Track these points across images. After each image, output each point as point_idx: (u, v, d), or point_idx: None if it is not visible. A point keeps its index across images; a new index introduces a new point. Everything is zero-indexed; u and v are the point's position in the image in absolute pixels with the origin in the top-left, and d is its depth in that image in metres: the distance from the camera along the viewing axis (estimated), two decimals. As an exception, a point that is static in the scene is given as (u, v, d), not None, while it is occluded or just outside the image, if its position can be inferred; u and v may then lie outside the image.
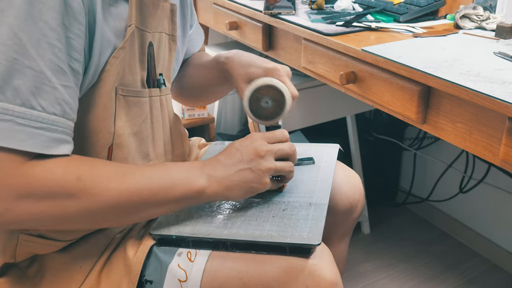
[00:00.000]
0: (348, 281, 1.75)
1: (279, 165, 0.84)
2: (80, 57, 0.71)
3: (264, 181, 0.82)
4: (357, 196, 1.09)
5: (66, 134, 0.70)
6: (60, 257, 0.83)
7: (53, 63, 0.67)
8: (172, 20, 0.92)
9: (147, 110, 0.86)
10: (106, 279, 0.82)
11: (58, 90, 0.68)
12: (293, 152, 0.87)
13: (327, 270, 0.78)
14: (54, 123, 0.68)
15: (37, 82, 0.66)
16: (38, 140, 0.67)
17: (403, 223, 2.09)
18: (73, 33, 0.69)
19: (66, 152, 0.71)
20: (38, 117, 0.66)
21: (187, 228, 0.82)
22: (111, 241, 0.85)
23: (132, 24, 0.79)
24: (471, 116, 0.92)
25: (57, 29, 0.67)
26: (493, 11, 1.27)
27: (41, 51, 0.66)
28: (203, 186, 0.79)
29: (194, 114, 1.99)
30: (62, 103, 0.69)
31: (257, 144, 0.83)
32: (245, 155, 0.82)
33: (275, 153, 0.84)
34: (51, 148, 0.68)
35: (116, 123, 0.80)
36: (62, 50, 0.68)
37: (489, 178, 1.79)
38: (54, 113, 0.68)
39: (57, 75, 0.68)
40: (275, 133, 0.87)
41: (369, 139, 2.03)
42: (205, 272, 0.79)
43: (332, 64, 1.23)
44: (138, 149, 0.85)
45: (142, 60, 0.84)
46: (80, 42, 0.71)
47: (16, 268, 0.86)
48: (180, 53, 1.02)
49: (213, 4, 1.74)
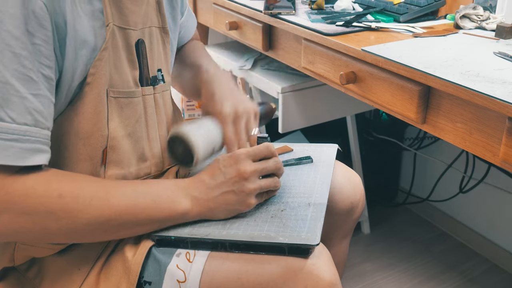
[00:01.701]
0: (348, 281, 1.75)
1: (263, 183, 0.84)
2: (51, 63, 0.70)
3: (248, 202, 0.82)
4: (358, 196, 1.09)
5: (40, 143, 0.69)
6: (59, 260, 0.83)
7: (19, 73, 0.66)
8: (160, 12, 0.90)
9: (141, 110, 0.85)
10: (105, 281, 0.82)
11: (28, 99, 0.67)
12: (279, 168, 0.86)
13: (326, 270, 0.78)
14: (26, 133, 0.67)
15: (4, 94, 0.65)
16: (10, 152, 0.66)
17: (403, 223, 2.09)
18: (40, 39, 0.68)
19: (42, 162, 0.69)
20: (8, 129, 0.65)
21: (185, 229, 0.82)
22: (109, 243, 0.85)
23: (110, 23, 0.77)
24: (471, 116, 0.92)
25: (21, 38, 0.66)
26: (493, 11, 1.27)
27: (5, 61, 0.65)
28: (186, 209, 0.80)
29: (194, 114, 1.99)
30: (33, 112, 0.68)
31: (241, 165, 0.82)
32: (228, 176, 0.81)
33: (260, 172, 0.83)
34: (25, 159, 0.67)
35: (110, 125, 0.79)
36: (29, 59, 0.67)
37: (489, 178, 1.78)
38: (25, 123, 0.67)
39: (25, 84, 0.67)
40: (260, 149, 0.85)
41: (369, 139, 2.02)
42: (204, 273, 0.79)
43: (332, 64, 1.22)
44: (133, 150, 0.85)
45: (131, 60, 0.83)
46: (49, 47, 0.69)
47: (16, 271, 0.86)
48: (174, 43, 1.00)
49: (213, 4, 1.74)
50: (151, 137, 0.89)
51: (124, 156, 0.83)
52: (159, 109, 0.90)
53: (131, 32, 0.82)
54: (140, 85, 0.85)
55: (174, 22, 0.99)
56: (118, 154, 0.82)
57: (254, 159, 0.84)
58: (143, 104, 0.86)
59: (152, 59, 0.88)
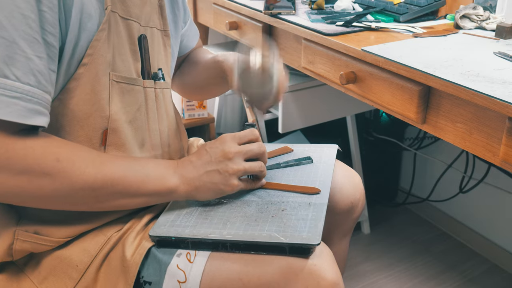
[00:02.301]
0: (348, 281, 1.75)
1: (247, 165, 0.86)
2: (55, 31, 0.71)
3: (231, 182, 0.84)
4: (358, 195, 1.09)
5: (41, 106, 0.70)
6: (57, 255, 0.84)
7: (27, 34, 0.67)
8: (162, 15, 0.92)
9: (142, 100, 0.87)
10: (103, 279, 0.82)
11: (33, 60, 0.68)
12: (263, 152, 0.89)
13: (327, 270, 0.78)
14: (29, 93, 0.68)
15: (10, 52, 0.66)
16: (13, 109, 0.67)
17: (403, 223, 2.09)
18: (46, 5, 0.69)
19: (42, 123, 0.71)
20: (12, 87, 0.66)
21: (186, 229, 0.82)
22: (107, 240, 0.85)
23: (108, 7, 0.78)
24: (471, 116, 0.92)
25: (30, 1, 0.67)
26: (493, 11, 1.27)
27: (14, 22, 0.66)
28: (174, 185, 0.82)
29: (194, 114, 1.99)
30: (37, 74, 0.69)
31: (226, 146, 0.85)
32: (214, 156, 0.84)
33: (244, 153, 0.86)
34: (27, 118, 0.68)
35: (111, 108, 0.80)
36: (36, 22, 0.68)
37: (489, 178, 1.78)
38: (29, 83, 0.68)
39: (31, 45, 0.68)
40: (245, 133, 0.88)
41: (369, 139, 2.03)
42: (205, 273, 0.79)
43: (332, 64, 1.22)
44: (134, 137, 0.86)
45: (134, 51, 0.84)
46: (53, 15, 0.70)
47: (14, 265, 0.86)
48: (175, 49, 1.02)
49: (213, 4, 1.74)
50: (151, 129, 0.90)
51: (126, 141, 0.84)
52: (159, 104, 0.92)
53: (133, 24, 0.84)
54: (142, 77, 0.87)
55: (176, 28, 1.01)
56: (120, 138, 0.83)
57: (239, 142, 0.87)
58: (144, 96, 0.87)
59: (153, 56, 0.89)
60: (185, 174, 0.83)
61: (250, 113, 1.01)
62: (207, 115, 2.01)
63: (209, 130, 2.05)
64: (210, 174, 0.84)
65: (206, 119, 2.01)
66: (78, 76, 0.77)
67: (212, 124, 2.04)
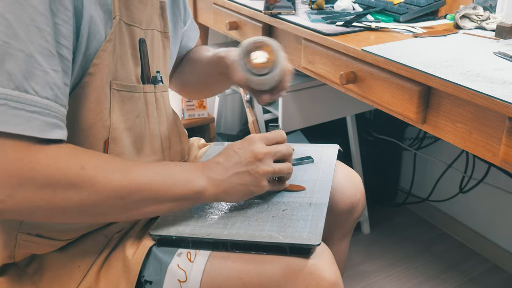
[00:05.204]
0: (348, 281, 1.75)
1: (277, 167, 0.84)
2: (69, 44, 0.71)
3: (262, 184, 0.83)
4: (358, 195, 1.09)
5: (59, 119, 0.70)
6: (59, 256, 0.84)
7: (43, 47, 0.67)
8: (163, 16, 0.92)
9: (142, 106, 0.86)
10: (105, 279, 0.82)
11: (49, 74, 0.68)
12: (290, 153, 0.87)
13: (327, 270, 0.78)
14: (47, 107, 0.67)
15: (29, 66, 0.65)
16: (33, 124, 0.66)
17: (403, 223, 2.09)
18: (60, 19, 0.69)
19: (60, 137, 0.70)
20: (32, 101, 0.66)
21: (187, 229, 0.82)
22: (109, 241, 0.85)
23: (116, 16, 0.78)
24: (471, 116, 0.92)
25: (45, 14, 0.66)
26: (493, 11, 1.27)
27: (30, 35, 0.65)
28: (202, 188, 0.79)
29: (194, 114, 1.99)
30: (54, 88, 0.68)
31: (255, 146, 0.83)
32: (243, 157, 0.82)
33: (273, 154, 0.84)
34: (46, 132, 0.67)
35: (112, 117, 0.80)
36: (51, 35, 0.68)
37: (489, 178, 1.78)
38: (47, 97, 0.67)
39: (47, 59, 0.67)
40: (273, 134, 0.87)
41: (369, 139, 2.03)
42: (205, 273, 0.79)
43: (332, 64, 1.23)
44: (132, 144, 0.85)
45: (135, 56, 0.84)
46: (68, 28, 0.70)
47: (15, 267, 0.86)
48: (173, 49, 1.02)
49: (213, 4, 1.74)
50: (152, 134, 0.90)
51: (125, 149, 0.83)
52: (159, 107, 0.91)
53: (136, 29, 0.83)
54: (142, 82, 0.86)
55: (175, 29, 1.01)
56: (119, 146, 0.82)
57: (267, 143, 0.85)
58: (145, 101, 0.87)
59: (152, 60, 0.89)
60: (213, 176, 0.81)
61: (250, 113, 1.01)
62: (207, 115, 2.01)
63: (209, 130, 2.05)
64: (240, 176, 0.82)
65: (206, 119, 2.01)
66: (83, 85, 0.76)
67: (212, 124, 2.04)
